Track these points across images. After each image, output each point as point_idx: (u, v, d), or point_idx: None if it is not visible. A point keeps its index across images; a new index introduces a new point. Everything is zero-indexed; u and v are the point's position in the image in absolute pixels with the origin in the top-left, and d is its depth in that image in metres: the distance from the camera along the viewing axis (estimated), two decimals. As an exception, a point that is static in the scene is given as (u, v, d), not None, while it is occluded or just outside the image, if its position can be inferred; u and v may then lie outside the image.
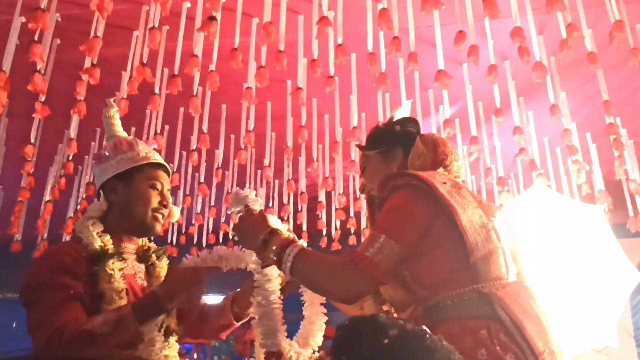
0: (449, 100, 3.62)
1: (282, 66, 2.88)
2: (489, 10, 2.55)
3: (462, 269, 1.49)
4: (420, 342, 1.08)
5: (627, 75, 3.76)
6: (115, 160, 1.86)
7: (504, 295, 1.46)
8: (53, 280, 1.68)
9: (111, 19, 2.92)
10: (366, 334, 1.10)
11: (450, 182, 1.58)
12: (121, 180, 1.85)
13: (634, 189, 4.09)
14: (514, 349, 1.40)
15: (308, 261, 1.51)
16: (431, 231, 1.52)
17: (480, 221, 1.52)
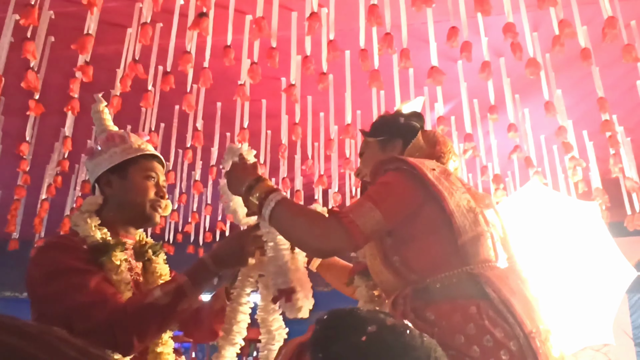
0: (444, 97, 3.62)
1: (274, 63, 2.88)
2: (480, 7, 2.55)
3: (451, 252, 1.52)
4: (399, 339, 1.06)
5: (624, 72, 3.74)
6: (108, 154, 1.85)
7: (493, 276, 1.49)
8: (71, 265, 1.67)
9: (105, 16, 2.93)
10: (344, 330, 1.08)
11: (439, 169, 1.61)
12: (115, 174, 1.84)
13: (630, 186, 4.07)
14: (502, 325, 1.41)
15: (290, 208, 1.56)
16: (419, 215, 1.56)
17: (468, 205, 1.55)
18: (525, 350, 1.38)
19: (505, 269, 1.57)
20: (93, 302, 1.61)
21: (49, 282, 1.65)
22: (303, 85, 3.40)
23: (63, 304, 1.61)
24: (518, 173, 4.47)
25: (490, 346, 1.37)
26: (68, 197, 4.69)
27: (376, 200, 1.52)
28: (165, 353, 1.80)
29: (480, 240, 1.53)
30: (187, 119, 3.79)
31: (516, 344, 1.39)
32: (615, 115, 4.08)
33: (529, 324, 1.42)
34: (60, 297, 1.62)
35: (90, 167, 1.89)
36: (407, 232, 1.56)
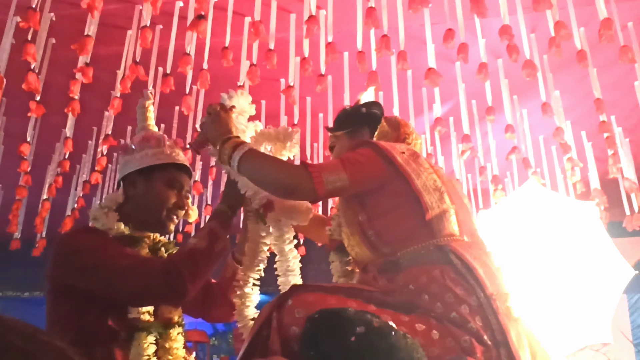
0: (441, 98, 3.64)
1: (272, 65, 2.90)
2: (476, 9, 2.57)
3: (420, 226, 1.65)
4: (385, 340, 1.14)
5: (622, 73, 3.76)
6: (139, 154, 1.89)
7: (457, 246, 1.63)
8: (106, 241, 1.75)
9: (105, 18, 2.95)
10: (333, 330, 1.16)
11: (408, 152, 1.75)
12: (142, 176, 1.87)
13: (628, 187, 4.09)
14: (463, 284, 1.54)
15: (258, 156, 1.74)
16: (387, 189, 1.70)
17: (434, 185, 1.69)
18: (485, 307, 1.50)
19: (469, 242, 1.69)
20: (140, 261, 1.70)
21: (88, 254, 1.70)
22: (302, 86, 3.42)
23: (110, 269, 1.66)
24: (516, 174, 4.49)
25: (451, 302, 1.50)
26: (69, 198, 4.71)
27: (344, 162, 1.67)
28: (175, 348, 1.82)
29: (445, 216, 1.67)
30: (186, 120, 3.81)
31: (475, 300, 1.51)
32: (613, 116, 4.10)
33: (490, 287, 1.53)
34: (105, 264, 1.67)
35: (121, 163, 1.94)
36: (377, 206, 1.70)
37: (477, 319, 1.49)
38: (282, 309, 1.50)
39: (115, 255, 1.69)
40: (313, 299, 1.52)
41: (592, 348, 5.20)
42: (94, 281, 1.68)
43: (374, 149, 1.73)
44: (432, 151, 4.29)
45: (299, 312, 1.47)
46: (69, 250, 1.74)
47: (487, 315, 1.49)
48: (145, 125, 2.02)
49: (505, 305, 1.52)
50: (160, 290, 1.64)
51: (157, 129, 2.05)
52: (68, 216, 4.51)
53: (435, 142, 4.28)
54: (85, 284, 1.69)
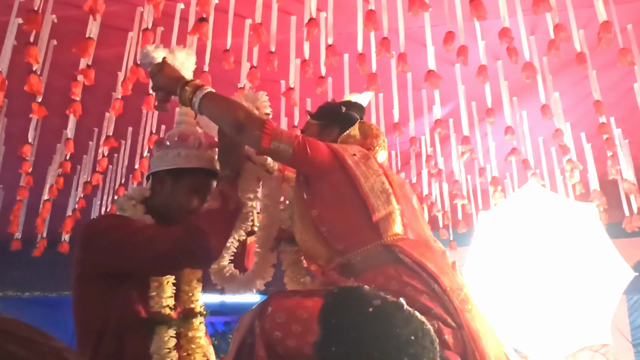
0: (441, 100, 3.65)
1: (273, 67, 2.92)
2: (475, 12, 2.57)
3: (367, 226, 1.72)
4: (400, 312, 1.24)
5: (621, 75, 3.77)
6: (172, 153, 1.90)
7: (404, 245, 1.71)
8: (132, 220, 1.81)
9: (106, 20, 2.96)
10: (353, 302, 1.26)
11: (360, 154, 1.82)
12: (171, 176, 1.90)
13: (627, 188, 4.11)
14: (419, 278, 1.63)
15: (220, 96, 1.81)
16: (330, 180, 1.77)
17: (382, 187, 1.76)
18: (441, 296, 1.59)
19: (414, 240, 1.76)
20: (163, 230, 1.76)
21: (115, 231, 1.75)
22: (302, 88, 3.43)
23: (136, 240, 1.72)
24: (516, 175, 4.50)
25: (412, 294, 1.58)
26: (70, 198, 4.72)
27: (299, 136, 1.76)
28: (197, 338, 1.86)
29: (391, 217, 1.74)
30: (187, 121, 3.82)
31: (432, 291, 1.61)
32: (612, 117, 4.11)
33: (445, 282, 1.62)
34: (131, 236, 1.72)
35: (155, 156, 1.96)
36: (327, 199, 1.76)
37: (437, 305, 1.58)
38: (263, 316, 1.58)
39: (140, 228, 1.76)
40: (292, 303, 1.60)
41: (591, 348, 5.21)
42: (122, 255, 1.73)
43: (329, 146, 1.80)
44: (432, 153, 4.30)
45: (279, 317, 1.55)
46: (97, 232, 1.79)
47: (444, 304, 1.58)
48: (182, 120, 2.03)
49: (460, 298, 1.61)
50: (186, 251, 1.69)
51: (194, 123, 2.04)
52: (69, 217, 4.52)
53: (435, 144, 4.30)
54: (115, 260, 1.74)
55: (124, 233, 1.73)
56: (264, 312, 1.58)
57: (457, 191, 4.38)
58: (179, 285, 1.86)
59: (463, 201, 4.43)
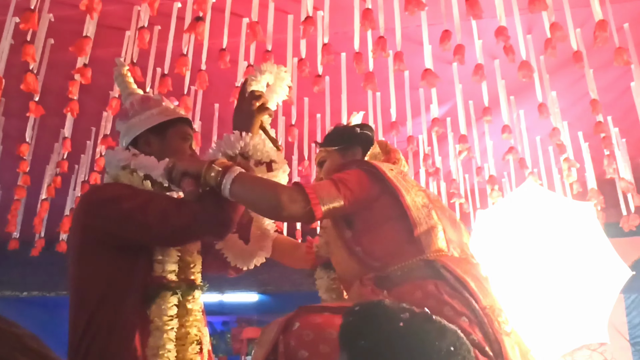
0: (438, 99, 3.65)
1: (270, 66, 2.91)
2: (472, 11, 2.58)
3: (408, 242, 1.67)
4: (432, 323, 1.16)
5: (618, 74, 3.77)
6: (144, 115, 1.91)
7: (447, 260, 1.65)
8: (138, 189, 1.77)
9: (103, 19, 2.96)
10: (380, 318, 1.16)
11: (396, 170, 1.80)
12: (154, 133, 1.90)
13: (625, 187, 4.11)
14: (459, 297, 1.56)
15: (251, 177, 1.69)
16: (375, 207, 1.72)
17: (422, 201, 1.72)
18: (480, 318, 1.51)
19: (458, 257, 1.71)
20: (178, 202, 1.73)
21: (127, 200, 1.71)
22: (299, 87, 3.43)
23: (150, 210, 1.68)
24: (513, 174, 4.50)
25: (451, 315, 1.49)
26: (68, 198, 4.72)
27: (337, 183, 1.67)
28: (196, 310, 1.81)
29: (433, 231, 1.69)
30: (185, 121, 3.82)
31: (472, 312, 1.52)
32: (610, 116, 4.11)
33: (483, 300, 1.55)
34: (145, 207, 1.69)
35: (124, 128, 1.93)
36: (364, 223, 1.72)
37: (477, 330, 1.49)
38: (289, 332, 1.48)
39: (151, 199, 1.72)
40: (321, 320, 1.50)
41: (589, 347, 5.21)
42: (134, 227, 1.70)
43: (362, 168, 1.76)
44: (430, 152, 4.31)
45: (307, 335, 1.46)
46: (105, 198, 1.75)
47: (484, 327, 1.50)
48: (131, 90, 2.02)
49: (498, 319, 1.53)
50: (203, 224, 1.68)
51: (141, 92, 2.04)
52: (66, 216, 4.51)
53: (432, 143, 4.30)
54: (126, 231, 1.71)
55: (135, 204, 1.70)
56: (289, 327, 1.49)
57: (455, 190, 4.38)
58: (181, 255, 1.82)
59: (460, 200, 4.43)
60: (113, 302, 1.69)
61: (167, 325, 1.69)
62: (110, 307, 1.68)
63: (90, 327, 1.67)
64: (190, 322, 1.78)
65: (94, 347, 1.67)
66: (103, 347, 1.66)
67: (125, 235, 1.72)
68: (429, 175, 4.34)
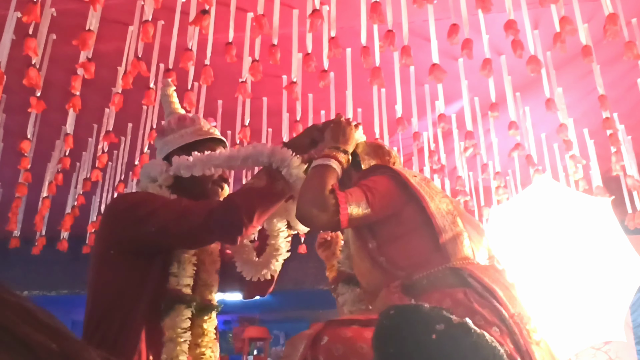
0: (445, 95, 3.62)
1: (276, 60, 2.89)
2: (481, 4, 2.55)
3: (434, 250, 1.64)
4: (467, 337, 1.11)
5: (625, 70, 3.75)
6: (179, 133, 1.96)
7: (474, 268, 1.60)
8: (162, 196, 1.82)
9: (106, 13, 2.93)
10: (414, 326, 1.11)
11: (420, 177, 1.78)
12: (185, 152, 1.92)
13: (631, 185, 4.08)
14: (489, 306, 1.52)
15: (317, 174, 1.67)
16: (401, 216, 1.69)
17: (446, 208, 1.70)
18: (509, 328, 1.47)
19: (485, 265, 1.69)
20: (196, 203, 1.76)
21: (145, 204, 1.75)
22: (304, 82, 3.40)
23: (168, 211, 1.72)
24: (519, 171, 4.47)
25: (482, 324, 1.43)
26: (69, 195, 4.68)
27: (365, 191, 1.65)
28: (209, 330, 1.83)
29: (459, 239, 1.66)
30: (188, 116, 3.79)
31: (503, 322, 1.47)
32: (616, 113, 4.09)
33: (511, 308, 1.51)
34: (163, 208, 1.73)
35: (160, 144, 2.00)
36: (389, 233, 1.69)
37: (508, 341, 1.45)
38: (317, 346, 1.45)
39: (171, 201, 1.78)
40: (351, 334, 1.47)
41: (593, 347, 5.20)
42: (152, 226, 1.71)
43: (387, 174, 1.74)
44: (435, 148, 4.28)
45: (337, 350, 1.42)
46: (126, 206, 1.79)
47: (515, 337, 1.46)
48: (172, 109, 2.11)
49: (527, 327, 1.49)
50: (217, 224, 1.69)
51: (183, 111, 2.13)
52: (68, 214, 4.48)
53: (437, 139, 4.27)
54: (144, 233, 1.72)
55: (154, 206, 1.74)
56: (318, 342, 1.45)
57: (460, 187, 4.35)
58: (198, 272, 1.85)
59: (466, 197, 4.40)
60: (123, 308, 1.71)
61: (181, 338, 1.72)
62: (119, 313, 1.70)
63: (99, 329, 1.69)
64: (205, 343, 1.81)
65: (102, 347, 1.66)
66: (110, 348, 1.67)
67: (144, 238, 1.73)
68: (434, 172, 4.30)
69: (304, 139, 1.93)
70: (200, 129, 1.99)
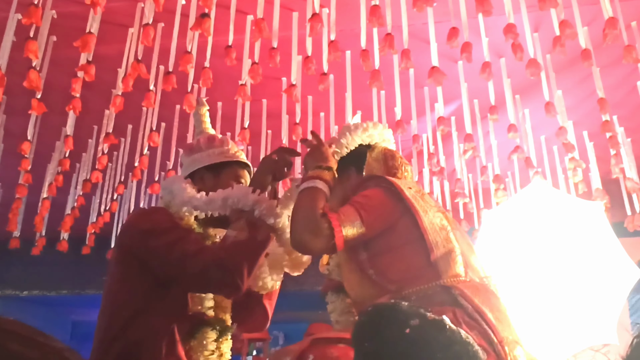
0: (444, 98, 3.63)
1: (275, 63, 2.89)
2: (481, 7, 2.55)
3: (425, 265, 1.61)
4: (441, 333, 1.12)
5: (625, 73, 3.76)
6: (206, 152, 1.99)
7: (465, 288, 1.58)
8: (178, 224, 1.82)
9: (107, 16, 2.94)
10: (389, 321, 1.14)
11: (414, 189, 1.74)
12: (210, 172, 1.97)
13: (630, 187, 4.08)
14: (478, 328, 1.49)
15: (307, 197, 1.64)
16: (395, 229, 1.66)
17: (440, 223, 1.66)
18: (497, 353, 1.46)
19: (476, 283, 1.65)
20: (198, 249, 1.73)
21: (161, 235, 1.76)
22: (304, 85, 3.41)
23: (175, 253, 1.72)
24: (518, 173, 4.48)
25: None
26: (69, 196, 4.70)
27: (358, 209, 1.62)
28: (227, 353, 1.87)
29: (451, 255, 1.63)
30: (188, 119, 3.79)
31: (490, 345, 1.46)
32: (615, 116, 4.09)
33: (500, 332, 1.50)
34: (172, 247, 1.73)
35: (187, 161, 2.03)
36: (381, 245, 1.66)
37: None
38: None
39: (180, 238, 1.75)
40: (337, 353, 1.50)
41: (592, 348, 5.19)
42: (159, 263, 1.75)
43: (382, 186, 1.71)
44: (434, 151, 4.28)
45: None
46: (146, 228, 1.80)
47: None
48: (203, 128, 2.16)
49: (513, 353, 1.49)
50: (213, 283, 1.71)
51: (213, 131, 2.19)
52: (68, 215, 4.49)
53: (437, 142, 4.27)
54: (153, 266, 1.76)
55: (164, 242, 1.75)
56: None
57: (459, 190, 4.36)
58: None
59: (465, 200, 4.40)
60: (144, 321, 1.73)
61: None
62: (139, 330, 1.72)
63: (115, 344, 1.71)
64: None
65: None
66: None
67: (153, 268, 1.77)
68: (433, 174, 4.31)
69: (265, 176, 1.89)
70: (228, 151, 2.01)
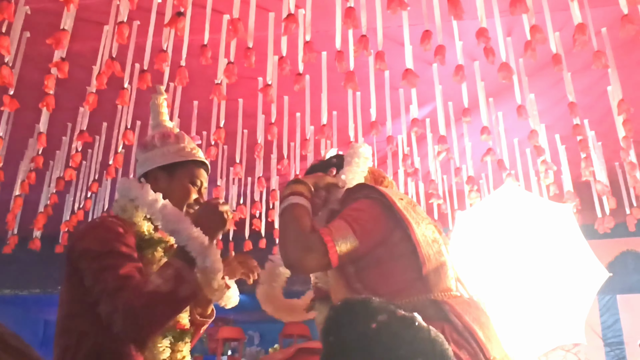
0: (419, 100, 3.66)
1: (251, 63, 2.90)
2: (453, 10, 2.59)
3: (416, 278, 1.57)
4: (408, 330, 1.10)
5: (595, 78, 3.83)
6: (161, 150, 1.92)
7: (455, 304, 1.54)
8: (117, 249, 1.69)
9: (81, 13, 2.92)
10: (356, 317, 1.12)
11: (406, 200, 1.68)
12: (165, 171, 1.91)
13: (600, 190, 4.17)
14: (467, 347, 1.46)
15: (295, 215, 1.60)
16: (387, 242, 1.61)
17: (432, 236, 1.62)
18: None
19: (467, 299, 1.63)
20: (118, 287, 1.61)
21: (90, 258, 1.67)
22: (279, 85, 3.42)
23: (98, 284, 1.63)
24: (491, 175, 4.53)
25: None
26: (42, 194, 4.65)
27: (351, 223, 1.57)
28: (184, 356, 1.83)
29: (442, 269, 1.60)
30: (163, 117, 3.78)
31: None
32: (586, 120, 4.17)
33: (490, 351, 1.47)
34: (96, 277, 1.64)
35: (141, 158, 1.95)
36: (369, 259, 1.60)
37: None
38: None
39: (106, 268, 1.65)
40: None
41: (563, 348, 5.28)
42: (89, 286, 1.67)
43: (372, 198, 1.66)
44: (409, 152, 4.32)
45: None
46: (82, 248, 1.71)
47: None
48: (159, 121, 2.04)
49: None
50: (117, 329, 1.59)
51: (171, 124, 2.07)
52: (40, 213, 4.44)
53: (412, 143, 4.31)
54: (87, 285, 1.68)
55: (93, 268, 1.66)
56: None
57: (433, 191, 4.40)
58: None
59: (439, 201, 4.45)
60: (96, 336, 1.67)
61: None
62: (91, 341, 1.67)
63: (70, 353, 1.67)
64: None
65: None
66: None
67: None
68: (408, 175, 4.35)
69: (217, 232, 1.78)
70: (183, 149, 1.94)
